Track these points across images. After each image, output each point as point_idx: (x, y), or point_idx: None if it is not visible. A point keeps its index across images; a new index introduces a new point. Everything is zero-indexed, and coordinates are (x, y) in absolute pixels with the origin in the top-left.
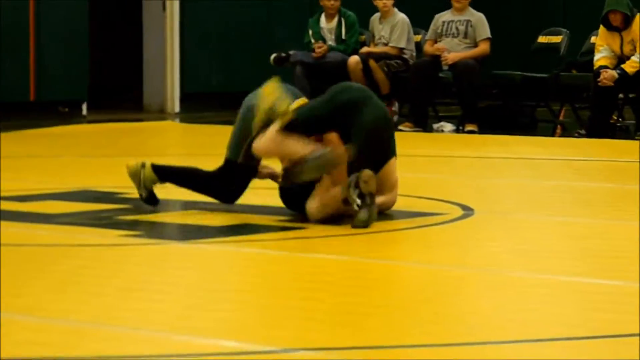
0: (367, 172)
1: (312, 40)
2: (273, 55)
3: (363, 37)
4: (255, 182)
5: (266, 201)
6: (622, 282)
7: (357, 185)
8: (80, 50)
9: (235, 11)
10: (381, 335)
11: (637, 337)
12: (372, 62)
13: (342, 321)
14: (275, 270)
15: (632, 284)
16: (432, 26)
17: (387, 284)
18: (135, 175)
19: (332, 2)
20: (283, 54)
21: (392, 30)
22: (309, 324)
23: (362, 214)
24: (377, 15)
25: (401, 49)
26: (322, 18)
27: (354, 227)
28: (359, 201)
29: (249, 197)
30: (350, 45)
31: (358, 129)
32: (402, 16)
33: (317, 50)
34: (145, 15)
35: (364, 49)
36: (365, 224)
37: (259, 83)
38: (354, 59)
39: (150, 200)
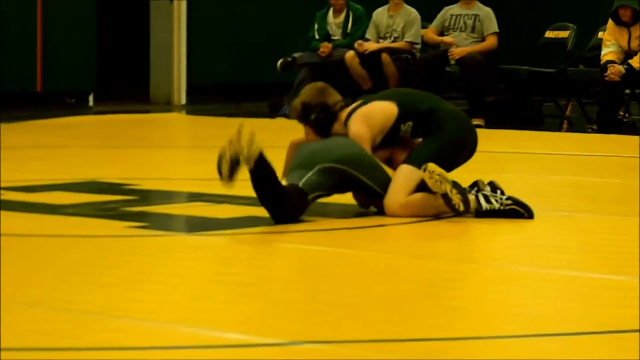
0: (494, 181)
1: (316, 36)
2: (279, 62)
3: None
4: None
5: None
6: (628, 278)
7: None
8: (87, 41)
9: (242, 2)
10: (387, 329)
11: None
12: (385, 56)
13: (348, 314)
14: (281, 262)
15: (638, 279)
16: (439, 17)
17: (393, 277)
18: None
19: None
20: (289, 59)
21: (406, 24)
22: (315, 317)
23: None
24: (382, 9)
25: (413, 44)
26: (330, 13)
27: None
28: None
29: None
30: (355, 38)
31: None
32: (415, 11)
33: (322, 51)
34: (153, 7)
35: (369, 44)
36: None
37: (265, 75)
38: (350, 54)
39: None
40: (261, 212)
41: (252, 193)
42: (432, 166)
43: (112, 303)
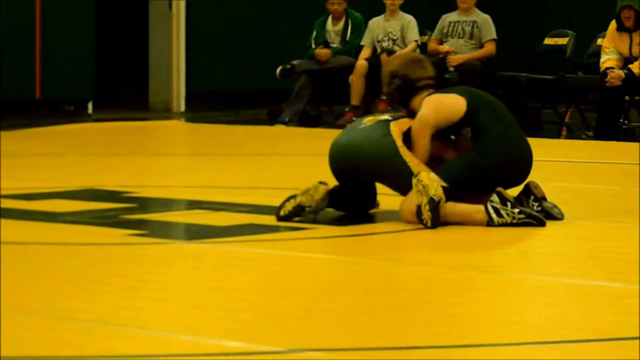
0: (532, 182)
1: (313, 45)
2: (278, 69)
3: (425, 38)
4: (258, 182)
5: (271, 201)
6: (626, 285)
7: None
8: (86, 48)
9: (241, 10)
10: (386, 336)
11: None
12: (384, 57)
13: (347, 322)
14: (281, 270)
15: (637, 287)
16: (438, 26)
17: (392, 285)
18: None
19: (336, 7)
20: (288, 66)
21: (403, 28)
22: (314, 325)
23: (555, 210)
24: (378, 18)
25: (418, 45)
26: (329, 20)
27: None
28: (536, 205)
29: (254, 197)
30: (354, 46)
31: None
32: (410, 16)
33: (319, 55)
34: (152, 14)
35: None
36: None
37: (264, 82)
38: (362, 64)
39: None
40: (260, 219)
41: (249, 200)
42: (422, 175)
43: (111, 311)
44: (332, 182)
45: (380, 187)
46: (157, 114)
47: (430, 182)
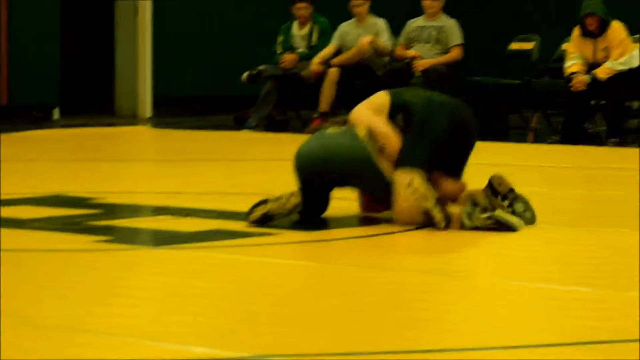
0: (495, 176)
1: (278, 50)
2: (245, 74)
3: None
4: (225, 188)
5: (239, 207)
6: (595, 289)
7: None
8: (52, 54)
9: (207, 16)
10: (354, 342)
11: (611, 344)
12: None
13: (315, 327)
14: (247, 276)
15: (605, 291)
16: (404, 31)
17: (361, 290)
18: None
19: (302, 11)
20: (254, 72)
21: (376, 33)
22: (282, 330)
23: (527, 213)
24: (348, 22)
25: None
26: (295, 25)
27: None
28: (505, 203)
29: (222, 203)
30: (320, 51)
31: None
32: (381, 20)
33: (284, 62)
34: (118, 19)
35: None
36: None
37: (231, 88)
38: (334, 71)
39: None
40: (226, 225)
41: (216, 206)
42: (417, 182)
43: (79, 318)
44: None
45: (346, 194)
46: (123, 119)
47: (424, 185)
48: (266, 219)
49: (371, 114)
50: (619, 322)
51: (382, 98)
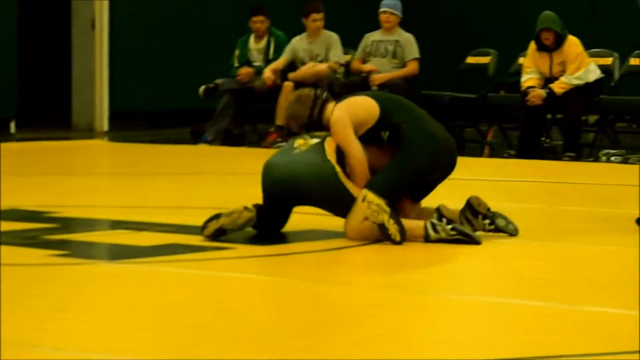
0: (473, 197)
1: (235, 64)
2: (202, 88)
3: (348, 57)
4: (181, 202)
5: (195, 221)
6: (548, 303)
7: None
8: (8, 67)
9: (164, 29)
10: (307, 356)
11: (567, 359)
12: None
13: (268, 342)
14: (202, 290)
15: (559, 305)
16: (361, 45)
17: (314, 305)
18: None
19: (258, 25)
20: (211, 85)
21: (327, 47)
22: (236, 345)
23: (510, 226)
24: (300, 36)
25: (339, 64)
26: (252, 39)
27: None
28: (487, 221)
29: (178, 217)
30: None
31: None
32: (334, 34)
33: (240, 76)
34: (74, 33)
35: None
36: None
37: (188, 101)
38: (289, 85)
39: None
40: (182, 239)
41: (172, 220)
42: (371, 196)
43: (33, 332)
44: (256, 201)
45: (302, 208)
46: (80, 133)
47: (380, 200)
48: (219, 233)
49: (349, 130)
50: (571, 337)
51: (370, 109)
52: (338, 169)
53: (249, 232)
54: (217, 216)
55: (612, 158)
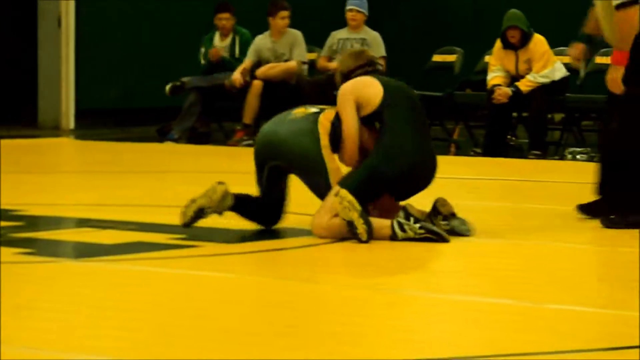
0: (440, 199)
1: (202, 61)
2: (168, 86)
3: (314, 55)
4: (148, 200)
5: (161, 219)
6: (518, 301)
7: (412, 216)
8: None
9: (130, 27)
10: (278, 355)
11: (530, 356)
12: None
13: (241, 341)
14: (170, 288)
15: (528, 303)
16: (327, 43)
17: (283, 303)
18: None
19: (224, 22)
20: (177, 83)
21: (292, 46)
22: (205, 345)
23: (464, 227)
24: (263, 35)
25: (302, 63)
26: (217, 36)
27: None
28: (445, 222)
29: (144, 215)
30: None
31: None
32: (298, 32)
33: (210, 54)
34: (40, 31)
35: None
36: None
37: (154, 100)
38: (257, 83)
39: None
40: (148, 237)
41: (138, 218)
42: (343, 192)
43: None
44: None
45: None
46: (46, 131)
47: (352, 197)
48: (199, 214)
49: (349, 102)
50: (538, 334)
51: (376, 93)
52: (324, 142)
53: (223, 229)
54: (193, 201)
55: (578, 156)
